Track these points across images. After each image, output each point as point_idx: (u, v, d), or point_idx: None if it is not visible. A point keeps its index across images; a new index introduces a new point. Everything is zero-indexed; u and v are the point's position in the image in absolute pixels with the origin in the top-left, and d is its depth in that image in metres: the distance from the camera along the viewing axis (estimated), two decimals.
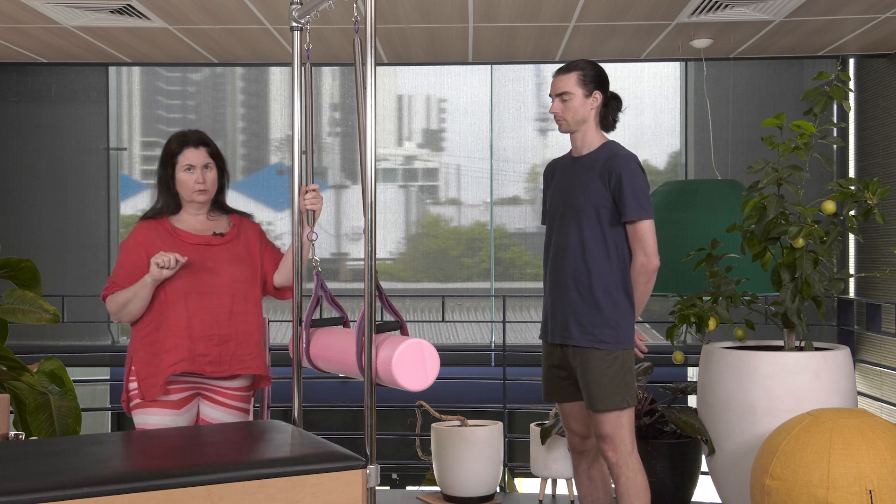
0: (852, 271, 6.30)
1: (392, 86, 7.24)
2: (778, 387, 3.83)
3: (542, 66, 6.78)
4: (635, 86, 6.90)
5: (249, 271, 3.18)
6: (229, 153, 7.19)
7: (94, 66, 6.66)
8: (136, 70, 7.14)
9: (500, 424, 4.74)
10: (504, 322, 5.53)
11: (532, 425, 4.69)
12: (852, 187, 3.98)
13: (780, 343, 4.15)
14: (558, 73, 3.37)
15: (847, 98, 4.06)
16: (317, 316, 2.90)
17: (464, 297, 7.18)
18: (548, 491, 4.71)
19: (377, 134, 3.14)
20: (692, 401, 4.56)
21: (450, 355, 6.37)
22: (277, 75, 7.25)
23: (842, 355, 3.94)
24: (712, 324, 4.04)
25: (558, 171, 3.49)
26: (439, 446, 4.62)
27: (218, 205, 3.23)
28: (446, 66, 6.90)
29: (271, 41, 5.26)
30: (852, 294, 6.28)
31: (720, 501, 4.23)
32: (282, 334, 6.63)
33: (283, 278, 3.23)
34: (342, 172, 7.21)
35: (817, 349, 3.99)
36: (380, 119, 7.13)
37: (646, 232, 3.25)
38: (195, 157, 3.12)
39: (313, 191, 2.99)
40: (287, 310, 6.66)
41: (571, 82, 3.32)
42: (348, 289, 7.13)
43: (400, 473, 6.53)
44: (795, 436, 3.46)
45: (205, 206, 3.18)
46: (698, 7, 4.63)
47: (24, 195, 6.81)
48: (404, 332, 2.76)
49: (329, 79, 7.25)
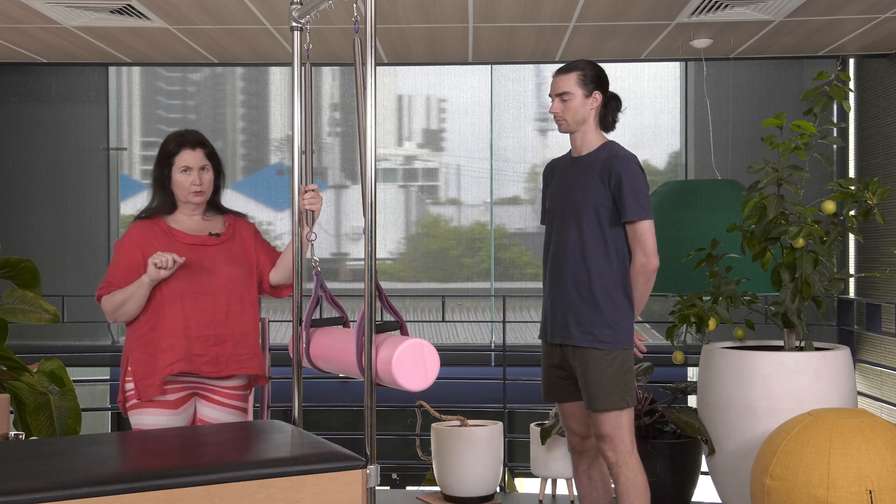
0: (852, 271, 6.30)
1: (392, 86, 7.24)
2: (778, 387, 3.83)
3: (542, 66, 6.78)
4: (635, 86, 6.90)
5: (245, 271, 3.18)
6: (229, 153, 7.18)
7: (94, 66, 6.65)
8: (136, 70, 7.14)
9: (500, 424, 4.74)
10: (504, 322, 5.53)
11: (532, 425, 4.69)
12: (852, 187, 3.98)
13: (780, 343, 4.15)
14: (558, 73, 3.37)
15: (847, 98, 4.06)
16: (316, 316, 2.90)
17: (464, 297, 7.17)
18: (548, 491, 4.71)
19: (377, 134, 3.14)
20: (692, 401, 4.56)
21: (450, 355, 6.37)
22: (277, 75, 7.25)
23: (842, 355, 3.94)
24: (712, 324, 4.04)
25: (558, 171, 3.49)
26: (439, 446, 4.62)
27: (213, 205, 3.23)
28: (446, 66, 6.90)
29: (271, 41, 5.26)
30: (852, 294, 6.28)
31: (720, 501, 4.23)
32: (282, 334, 6.63)
33: (279, 276, 3.22)
34: (342, 172, 7.21)
35: (817, 349, 3.99)
36: (380, 119, 7.12)
37: (645, 232, 3.26)
38: (192, 159, 3.11)
39: (312, 191, 2.98)
40: (287, 310, 6.67)
41: (571, 82, 3.32)
42: (348, 289, 7.13)
43: (400, 473, 6.53)
44: (795, 436, 3.46)
45: (200, 206, 3.18)
46: (698, 7, 4.63)
47: (24, 195, 6.81)
48: (404, 332, 2.76)
49: (329, 79, 7.25)
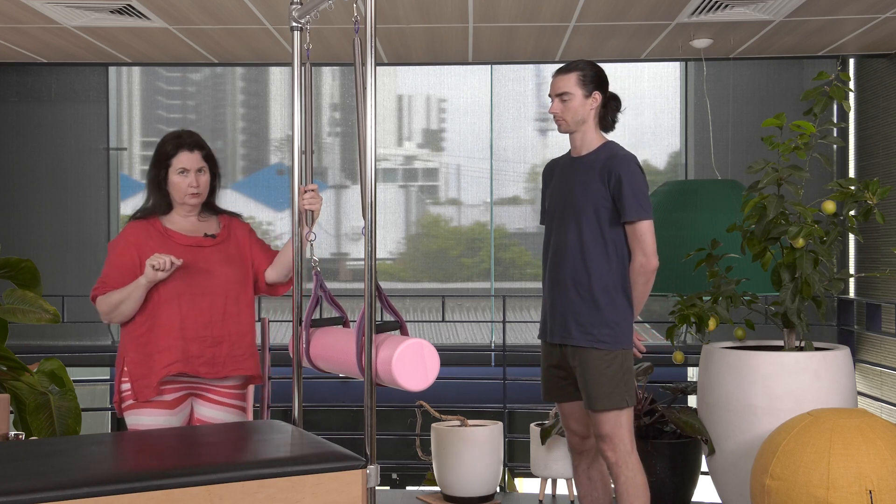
0: (852, 271, 6.30)
1: (392, 86, 7.24)
2: (778, 387, 3.83)
3: (542, 66, 6.77)
4: (635, 86, 6.90)
5: (241, 272, 3.18)
6: (229, 153, 7.18)
7: (94, 66, 6.65)
8: (136, 70, 7.13)
9: (500, 424, 4.74)
10: (504, 322, 5.53)
11: (532, 425, 4.69)
12: (852, 187, 3.98)
13: (780, 343, 4.15)
14: (558, 73, 3.37)
15: (847, 98, 4.07)
16: (316, 316, 2.90)
17: (464, 297, 7.17)
18: (548, 491, 4.71)
19: (377, 134, 3.14)
20: (692, 401, 4.56)
21: (450, 355, 6.36)
22: (277, 75, 7.25)
23: (842, 355, 3.94)
24: (712, 324, 4.04)
25: (557, 171, 3.49)
26: (439, 446, 4.62)
27: (208, 206, 3.23)
28: (446, 66, 6.89)
29: (271, 41, 5.26)
30: (852, 294, 6.27)
31: (720, 501, 4.23)
32: (282, 334, 6.63)
33: (276, 274, 3.22)
34: (342, 172, 7.21)
35: (817, 349, 3.99)
36: (380, 119, 7.12)
37: (645, 232, 3.26)
38: (190, 161, 3.11)
39: (312, 191, 2.98)
40: (287, 310, 6.66)
41: (571, 83, 3.32)
42: (348, 289, 7.12)
43: (400, 473, 6.52)
44: (795, 436, 3.46)
45: (196, 208, 3.18)
46: (698, 7, 4.63)
47: (24, 195, 6.81)
48: (404, 332, 2.76)
49: (329, 79, 7.25)
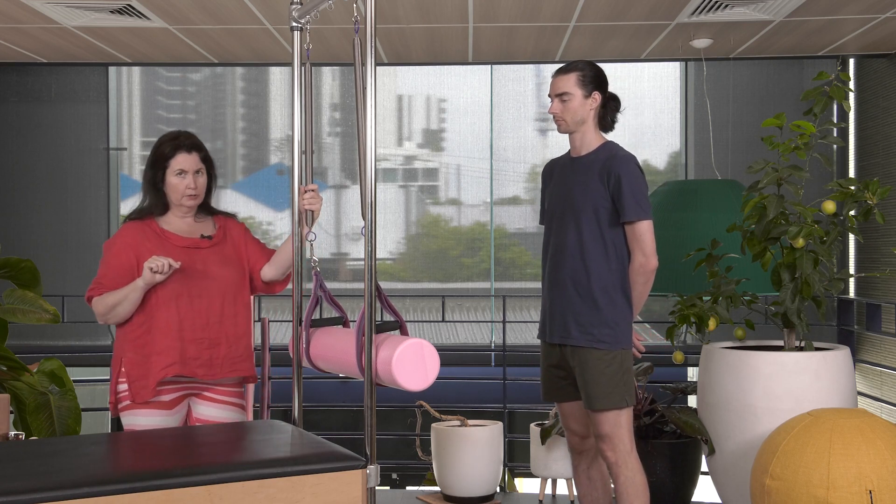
0: (852, 271, 6.30)
1: (392, 86, 7.24)
2: (778, 387, 3.83)
3: (542, 66, 6.77)
4: (635, 86, 6.90)
5: (238, 273, 3.18)
6: (229, 153, 7.18)
7: (94, 66, 6.65)
8: (136, 70, 7.14)
9: (500, 424, 4.74)
10: (504, 322, 5.53)
11: (532, 425, 4.69)
12: (852, 187, 3.98)
13: (780, 343, 4.15)
14: (557, 73, 3.37)
15: (847, 98, 4.06)
16: (316, 316, 2.90)
17: (464, 297, 7.17)
18: (548, 491, 4.71)
19: (377, 134, 3.14)
20: (692, 401, 4.56)
21: (450, 355, 6.36)
22: (277, 75, 7.25)
23: (842, 355, 3.94)
24: (712, 324, 4.04)
25: (557, 171, 3.49)
26: (439, 446, 4.62)
27: (203, 207, 3.23)
28: (446, 66, 6.89)
29: (271, 41, 5.26)
30: (852, 294, 6.27)
31: (720, 501, 4.22)
32: (282, 334, 6.63)
33: (274, 272, 3.22)
34: (342, 172, 7.21)
35: (817, 349, 3.99)
36: (380, 119, 7.12)
37: (644, 232, 3.26)
38: (188, 163, 3.11)
39: (312, 191, 2.98)
40: (287, 310, 6.66)
41: (571, 83, 3.32)
42: (348, 289, 7.12)
43: (400, 473, 6.52)
44: (795, 436, 3.46)
45: (193, 209, 3.18)
46: (698, 7, 4.63)
47: (24, 195, 6.81)
48: (404, 332, 2.76)
49: (329, 79, 7.25)
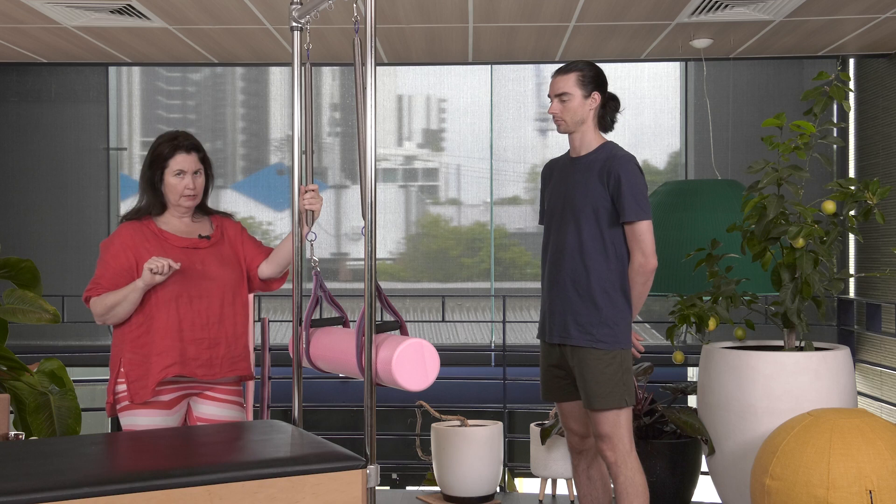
0: (852, 271, 6.30)
1: (392, 86, 7.24)
2: (778, 387, 3.83)
3: (542, 66, 6.77)
4: (635, 86, 6.90)
5: (237, 273, 3.19)
6: (229, 153, 7.18)
7: (94, 66, 6.65)
8: (136, 70, 7.14)
9: (500, 424, 4.74)
10: (504, 322, 5.53)
11: (532, 425, 4.69)
12: (852, 187, 3.98)
13: (780, 343, 4.15)
14: (557, 73, 3.37)
15: (847, 98, 4.07)
16: (316, 316, 2.90)
17: (464, 297, 7.17)
18: (548, 491, 4.71)
19: (377, 134, 3.14)
20: (692, 401, 4.56)
21: (450, 355, 6.36)
22: (277, 75, 7.25)
23: (842, 355, 3.94)
24: (712, 324, 4.04)
25: (556, 171, 3.49)
26: (439, 446, 4.62)
27: (200, 207, 3.23)
28: (446, 66, 6.89)
29: (271, 41, 5.26)
30: (852, 294, 6.27)
31: (720, 501, 4.23)
32: (282, 334, 6.63)
33: (272, 269, 3.22)
34: (342, 172, 7.21)
35: (817, 349, 3.99)
36: (380, 119, 7.12)
37: (644, 232, 3.26)
38: (187, 163, 3.11)
39: (312, 191, 2.99)
40: (287, 310, 6.66)
41: (570, 83, 3.32)
42: (348, 289, 7.12)
43: (400, 473, 6.52)
44: (795, 436, 3.46)
45: (191, 209, 3.19)
46: (698, 7, 4.63)
47: (24, 195, 6.81)
48: (404, 332, 2.76)
49: (329, 79, 7.25)
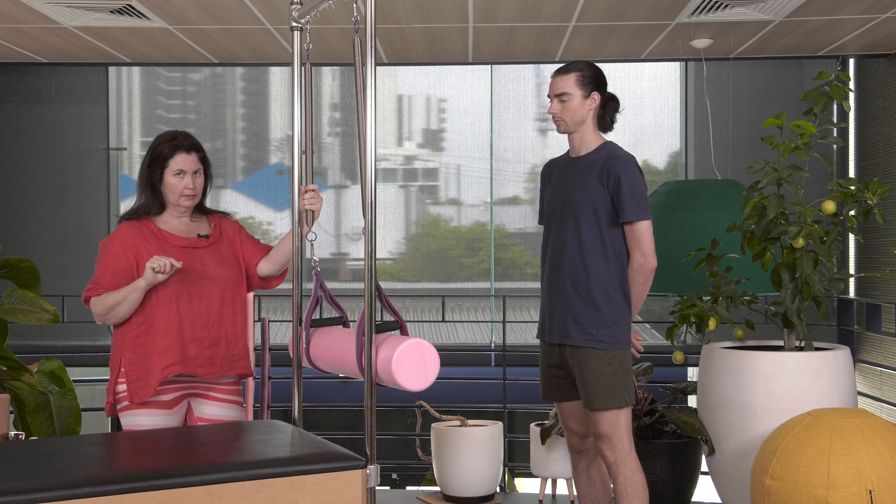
0: (852, 271, 6.30)
1: (392, 86, 7.24)
2: (778, 387, 3.83)
3: (542, 66, 6.77)
4: (635, 86, 6.90)
5: (236, 272, 3.19)
6: (229, 153, 7.18)
7: (94, 66, 6.65)
8: (136, 70, 7.13)
9: (500, 424, 4.74)
10: (504, 322, 5.53)
11: (532, 425, 4.69)
12: (852, 187, 3.98)
13: (780, 343, 4.15)
14: (557, 73, 3.37)
15: (847, 98, 4.07)
16: (316, 316, 2.90)
17: (464, 297, 7.17)
18: (548, 491, 4.71)
19: (377, 134, 3.14)
20: (692, 401, 4.56)
21: (450, 355, 6.36)
22: (277, 75, 7.25)
23: (842, 355, 3.94)
24: (712, 324, 4.04)
25: (556, 171, 3.49)
26: (439, 446, 4.62)
27: (198, 207, 3.24)
28: (446, 66, 6.89)
29: (271, 41, 5.26)
30: (852, 294, 6.27)
31: (720, 501, 4.23)
32: (282, 334, 6.63)
33: (271, 267, 3.23)
34: (342, 172, 7.21)
35: (817, 349, 3.99)
36: (380, 119, 7.12)
37: (644, 232, 3.26)
38: (187, 163, 3.11)
39: (312, 191, 2.99)
40: (287, 310, 6.66)
41: (570, 83, 3.32)
42: (348, 289, 7.13)
43: (400, 473, 6.52)
44: (795, 436, 3.46)
45: (190, 209, 3.19)
46: (698, 7, 4.63)
47: (24, 195, 6.81)
48: (404, 332, 2.76)
49: (329, 79, 7.25)
